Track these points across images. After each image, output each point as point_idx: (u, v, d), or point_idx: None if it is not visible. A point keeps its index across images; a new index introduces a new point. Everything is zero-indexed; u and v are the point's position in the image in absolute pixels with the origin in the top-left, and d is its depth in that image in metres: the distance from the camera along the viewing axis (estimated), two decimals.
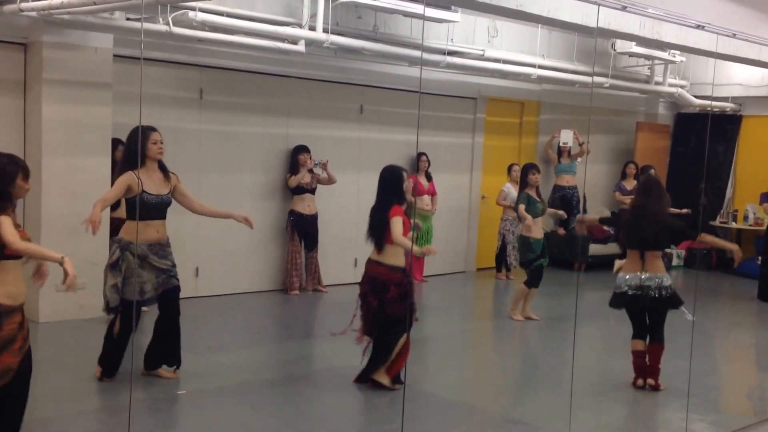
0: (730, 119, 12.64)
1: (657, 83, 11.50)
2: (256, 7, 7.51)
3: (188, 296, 8.03)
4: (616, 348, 6.36)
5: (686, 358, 6.03)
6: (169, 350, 5.68)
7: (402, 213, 5.57)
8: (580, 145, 11.33)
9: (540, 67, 9.75)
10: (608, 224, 6.77)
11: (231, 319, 7.85)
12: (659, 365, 6.07)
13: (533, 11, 5.87)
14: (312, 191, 8.86)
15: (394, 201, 5.60)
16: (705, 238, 6.31)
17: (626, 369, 6.27)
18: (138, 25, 6.89)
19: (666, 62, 11.20)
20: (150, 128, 5.55)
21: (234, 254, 8.60)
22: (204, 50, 7.92)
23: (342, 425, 5.21)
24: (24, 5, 6.40)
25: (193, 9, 6.71)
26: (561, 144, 11.37)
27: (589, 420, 5.45)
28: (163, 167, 5.58)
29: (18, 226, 3.90)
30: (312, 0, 7.52)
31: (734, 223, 12.16)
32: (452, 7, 7.99)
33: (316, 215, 8.93)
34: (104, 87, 7.20)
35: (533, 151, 11.71)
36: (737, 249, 6.23)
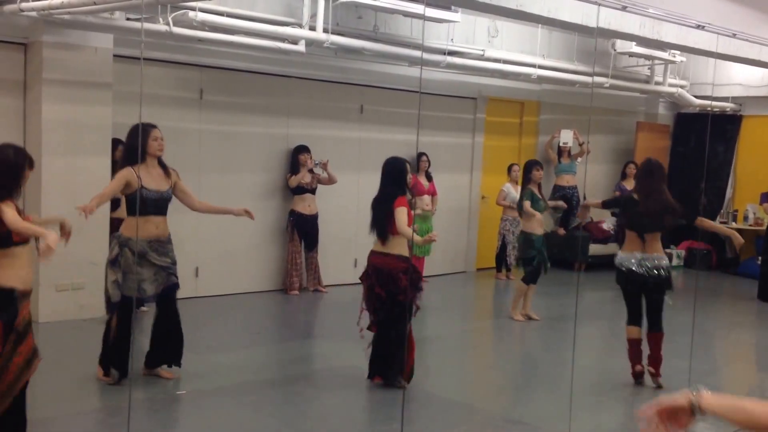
0: (730, 119, 12.65)
1: (657, 83, 11.50)
2: (257, 7, 7.51)
3: (188, 296, 8.05)
4: (616, 348, 6.35)
5: (686, 358, 6.04)
6: (170, 350, 5.67)
7: (406, 204, 5.58)
8: (581, 145, 11.33)
9: (540, 67, 9.74)
10: (611, 207, 6.75)
11: (231, 319, 7.85)
12: (661, 353, 6.04)
13: (533, 11, 5.88)
14: (312, 191, 8.86)
15: (399, 192, 5.60)
16: (703, 223, 6.28)
17: (626, 369, 6.27)
18: (138, 25, 6.89)
19: (666, 62, 11.19)
20: (150, 125, 5.55)
21: (234, 254, 8.61)
22: (204, 50, 7.92)
23: (342, 425, 5.21)
24: (24, 5, 6.40)
25: (193, 9, 6.70)
26: (561, 144, 11.38)
27: (589, 420, 5.45)
28: (163, 164, 5.57)
29: (21, 212, 4.01)
30: (312, 0, 7.52)
31: (734, 223, 12.15)
32: (452, 7, 7.98)
33: (317, 215, 8.94)
34: (104, 87, 7.21)
35: (533, 151, 11.70)
36: (734, 235, 6.23)
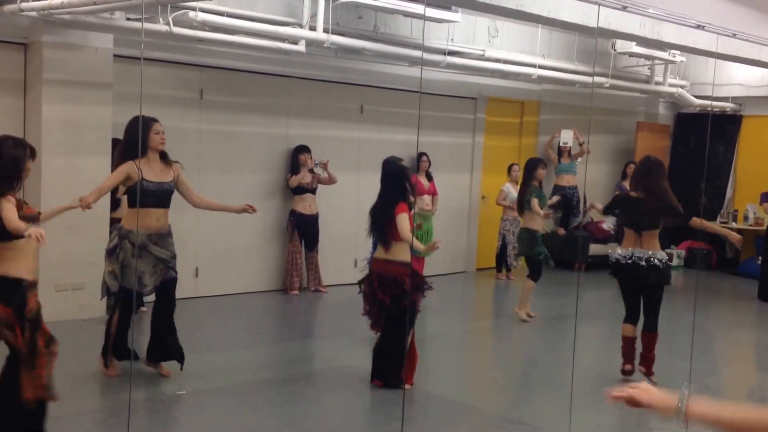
0: (731, 119, 12.64)
1: (657, 83, 11.49)
2: (257, 7, 7.50)
3: (188, 296, 8.05)
4: (617, 348, 6.35)
5: (686, 358, 6.04)
6: (170, 345, 5.66)
7: (407, 210, 5.58)
8: (581, 145, 11.33)
9: (540, 67, 9.74)
10: (611, 211, 6.71)
11: (231, 319, 7.84)
12: (653, 353, 6.06)
13: (533, 11, 5.87)
14: (313, 191, 8.86)
15: (400, 198, 5.59)
16: (698, 223, 6.26)
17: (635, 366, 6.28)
18: (138, 25, 6.88)
19: (666, 62, 11.19)
20: (152, 119, 5.54)
21: (234, 254, 8.61)
22: (204, 50, 7.92)
23: (342, 425, 5.21)
24: (24, 5, 6.39)
25: (194, 9, 6.70)
26: (561, 144, 11.37)
27: (589, 420, 5.45)
28: (165, 157, 5.54)
29: (25, 203, 4.05)
30: (312, 0, 7.52)
31: (734, 223, 12.15)
32: (452, 7, 7.99)
33: (317, 215, 8.93)
34: (104, 87, 7.21)
35: (533, 151, 11.70)
36: (730, 234, 6.23)
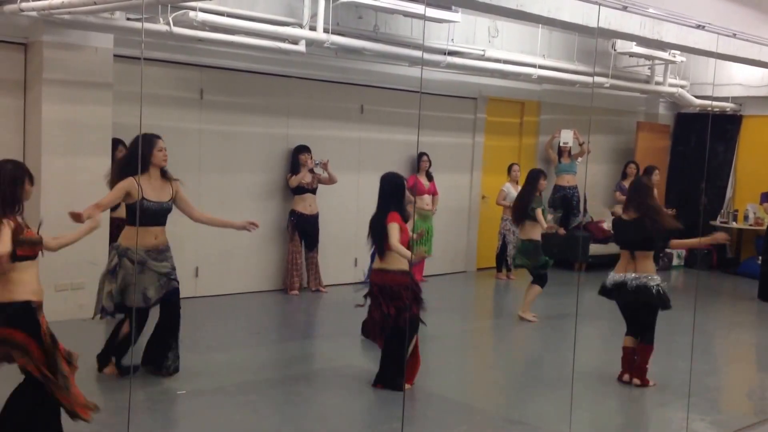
0: (731, 119, 12.64)
1: (657, 83, 11.49)
2: (257, 7, 7.50)
3: (188, 296, 8.04)
4: (617, 348, 6.35)
5: (687, 358, 6.04)
6: (167, 353, 5.66)
7: (399, 220, 5.61)
8: (581, 145, 11.32)
9: (540, 67, 9.74)
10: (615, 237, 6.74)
11: (231, 319, 7.84)
12: (646, 365, 6.14)
13: (534, 11, 5.87)
14: (313, 191, 8.86)
15: (392, 208, 5.64)
16: (677, 245, 6.35)
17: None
18: (138, 25, 6.88)
19: (666, 62, 11.19)
20: (154, 136, 5.57)
21: (234, 254, 8.60)
22: (204, 50, 7.92)
23: (342, 425, 5.21)
24: (24, 5, 6.39)
25: (194, 9, 6.70)
26: (561, 144, 11.36)
27: (590, 420, 5.45)
28: (165, 174, 5.59)
29: (27, 227, 4.03)
30: (312, 0, 7.52)
31: (734, 223, 12.16)
32: (453, 8, 7.99)
33: (317, 215, 8.93)
34: (104, 87, 7.20)
35: (533, 151, 11.71)
36: (714, 239, 6.32)
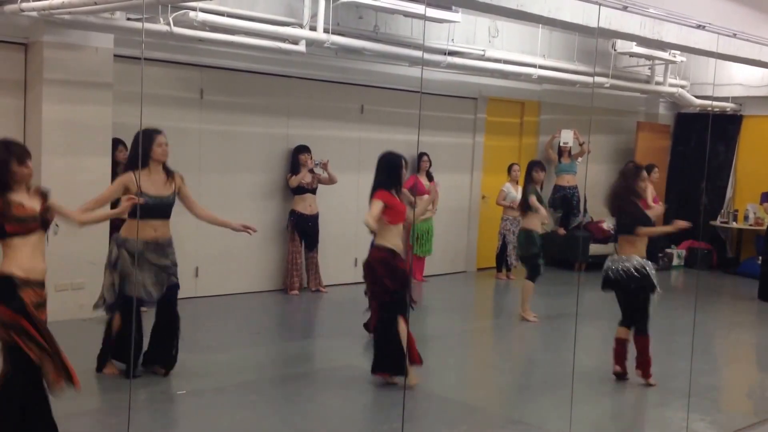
0: (731, 119, 12.64)
1: (657, 83, 11.49)
2: (257, 8, 7.51)
3: (188, 296, 8.04)
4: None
5: (687, 358, 6.04)
6: (165, 350, 5.68)
7: (387, 197, 5.59)
8: (581, 145, 11.33)
9: (540, 67, 9.74)
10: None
11: (231, 319, 7.84)
12: (648, 358, 6.06)
13: (534, 11, 5.87)
14: (313, 191, 8.86)
15: (382, 186, 5.65)
16: (642, 231, 6.21)
17: (628, 369, 6.27)
18: (139, 25, 6.89)
19: (666, 62, 11.19)
20: (155, 131, 5.57)
21: (234, 254, 8.60)
22: (205, 50, 7.92)
23: (342, 425, 5.21)
24: (25, 5, 6.39)
25: (194, 9, 6.70)
26: (561, 144, 11.37)
27: (590, 420, 5.45)
28: (168, 169, 5.60)
29: (20, 204, 3.94)
30: (313, 0, 7.52)
31: (735, 223, 12.16)
32: (453, 8, 7.99)
33: (317, 215, 8.93)
34: (105, 87, 7.21)
35: (534, 151, 11.70)
36: (675, 227, 6.29)
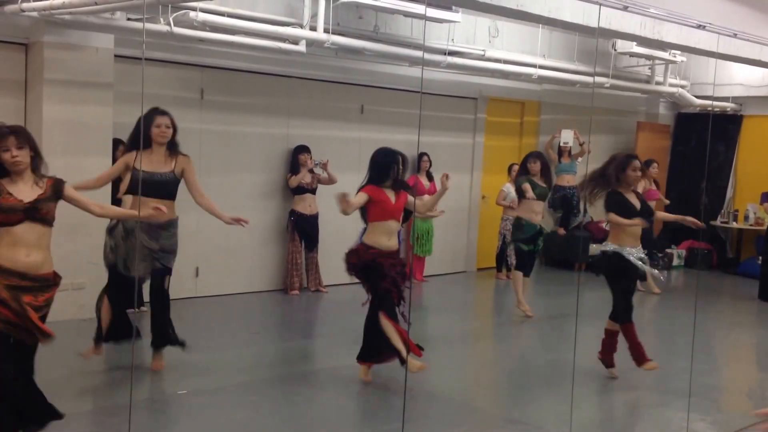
0: (731, 119, 12.64)
1: (658, 83, 11.49)
2: (257, 8, 7.51)
3: (188, 296, 8.06)
4: (618, 348, 6.35)
5: (687, 358, 6.04)
6: (154, 331, 5.78)
7: (373, 192, 5.63)
8: (581, 145, 11.33)
9: (541, 67, 9.74)
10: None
11: (231, 319, 7.85)
12: (637, 341, 6.09)
13: (534, 11, 5.87)
14: (313, 191, 8.86)
15: (370, 181, 5.68)
16: (610, 218, 6.37)
17: (627, 369, 6.28)
18: (139, 26, 6.89)
19: (667, 62, 11.19)
20: (158, 112, 5.58)
21: (234, 254, 8.61)
22: (205, 50, 7.92)
23: (342, 425, 5.21)
24: (25, 5, 6.39)
25: (194, 9, 6.71)
26: (561, 144, 11.37)
27: (590, 420, 5.45)
28: (173, 148, 5.59)
29: (8, 194, 3.98)
30: (313, 0, 7.53)
31: (735, 223, 12.16)
32: (453, 8, 7.99)
33: (317, 215, 8.93)
34: (105, 87, 7.21)
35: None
36: (630, 222, 6.34)
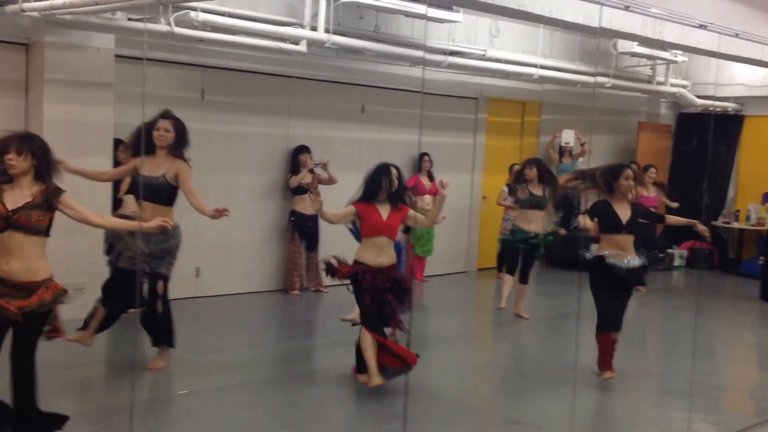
0: (732, 119, 12.63)
1: (659, 83, 11.48)
2: (258, 8, 7.51)
3: (188, 296, 8.06)
4: (618, 348, 6.34)
5: (688, 358, 6.04)
6: (156, 330, 5.81)
7: (362, 208, 5.67)
8: (582, 145, 11.33)
9: (541, 67, 9.73)
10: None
11: (231, 319, 7.85)
12: (607, 350, 6.03)
13: (535, 11, 5.87)
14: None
15: (361, 199, 5.70)
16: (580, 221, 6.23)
17: (627, 368, 6.28)
18: (140, 26, 6.89)
19: (668, 62, 11.18)
20: (161, 115, 5.62)
21: (234, 254, 8.60)
22: (206, 50, 7.92)
23: (342, 425, 5.21)
24: (26, 5, 6.39)
25: (195, 9, 6.70)
26: (562, 144, 11.37)
27: (590, 420, 5.45)
28: (172, 153, 5.59)
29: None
30: (313, 0, 7.52)
31: (736, 223, 12.15)
32: (454, 8, 7.99)
33: (317, 215, 8.91)
34: (106, 87, 7.21)
35: (534, 152, 11.68)
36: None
